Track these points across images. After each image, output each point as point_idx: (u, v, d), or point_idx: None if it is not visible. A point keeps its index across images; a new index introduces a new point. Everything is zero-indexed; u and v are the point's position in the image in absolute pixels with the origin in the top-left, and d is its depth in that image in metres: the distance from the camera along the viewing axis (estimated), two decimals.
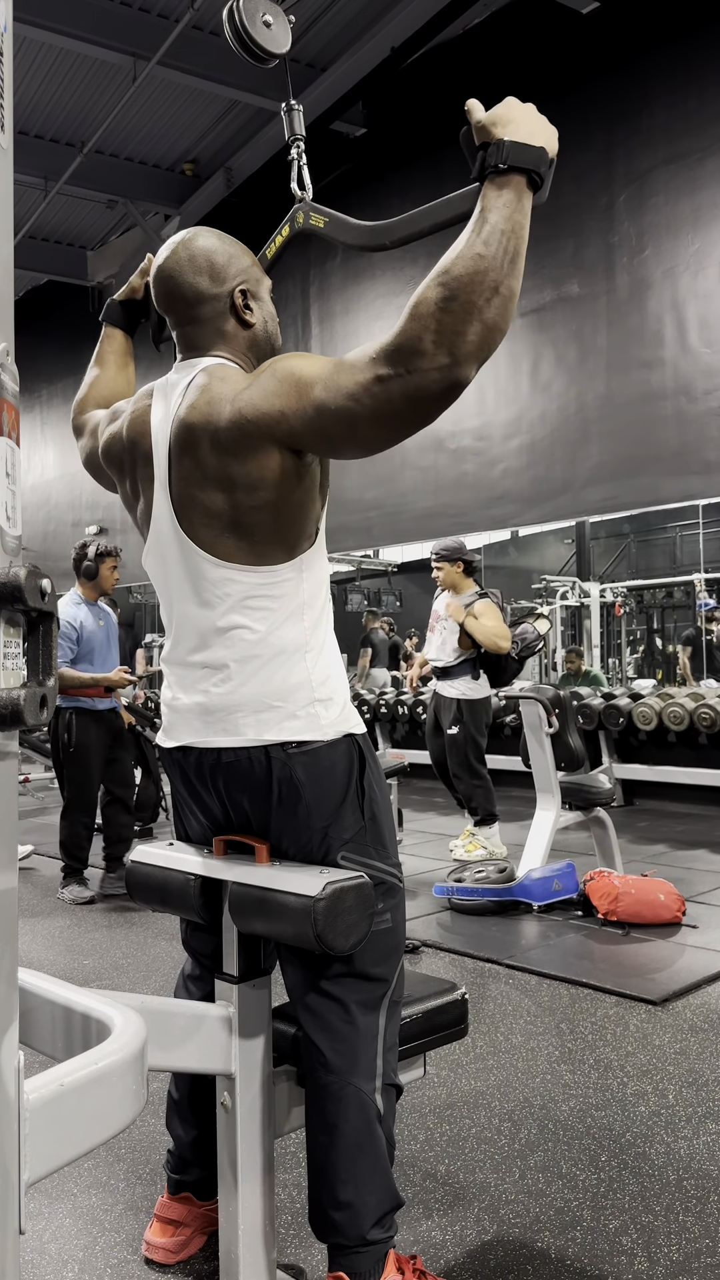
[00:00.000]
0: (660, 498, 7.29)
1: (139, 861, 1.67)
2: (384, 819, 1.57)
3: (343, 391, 1.28)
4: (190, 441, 1.45)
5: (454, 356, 1.21)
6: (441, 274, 1.21)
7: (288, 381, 1.36)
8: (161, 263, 1.53)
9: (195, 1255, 1.77)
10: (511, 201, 1.24)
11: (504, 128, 1.27)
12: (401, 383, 1.23)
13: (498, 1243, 1.79)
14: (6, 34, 0.75)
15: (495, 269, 1.21)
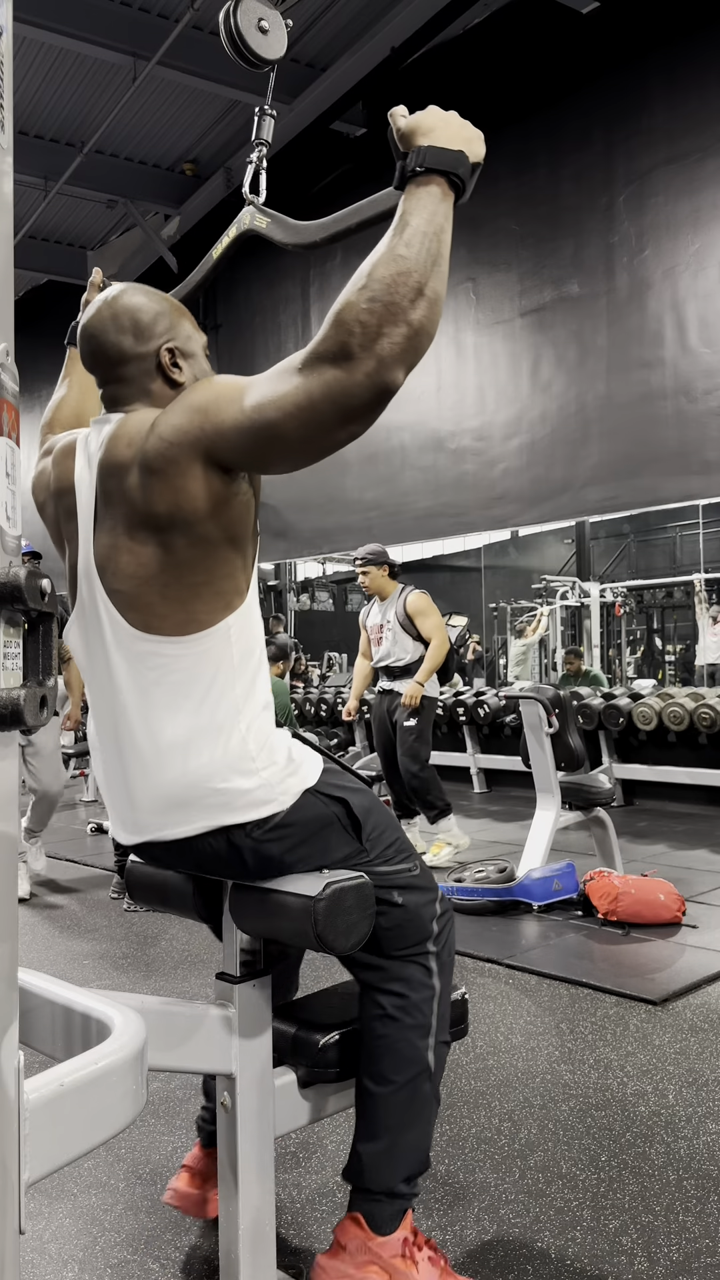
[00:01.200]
0: (660, 498, 7.29)
1: (139, 861, 1.67)
2: (376, 821, 1.54)
3: (267, 401, 1.25)
4: (113, 479, 1.40)
5: (380, 360, 1.18)
6: (364, 278, 1.20)
7: (209, 396, 1.32)
8: (86, 321, 1.50)
9: (195, 1258, 1.77)
10: (431, 204, 1.24)
11: (424, 135, 1.28)
12: (327, 390, 1.20)
13: (498, 1243, 1.79)
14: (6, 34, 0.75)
15: (418, 270, 1.20)
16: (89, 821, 6.44)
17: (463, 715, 7.30)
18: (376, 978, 1.55)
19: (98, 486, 1.45)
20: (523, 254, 7.94)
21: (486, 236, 8.20)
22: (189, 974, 3.38)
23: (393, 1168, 1.52)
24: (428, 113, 1.30)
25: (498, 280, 8.13)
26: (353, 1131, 1.59)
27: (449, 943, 1.62)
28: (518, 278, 7.98)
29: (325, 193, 9.40)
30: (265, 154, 1.75)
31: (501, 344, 8.11)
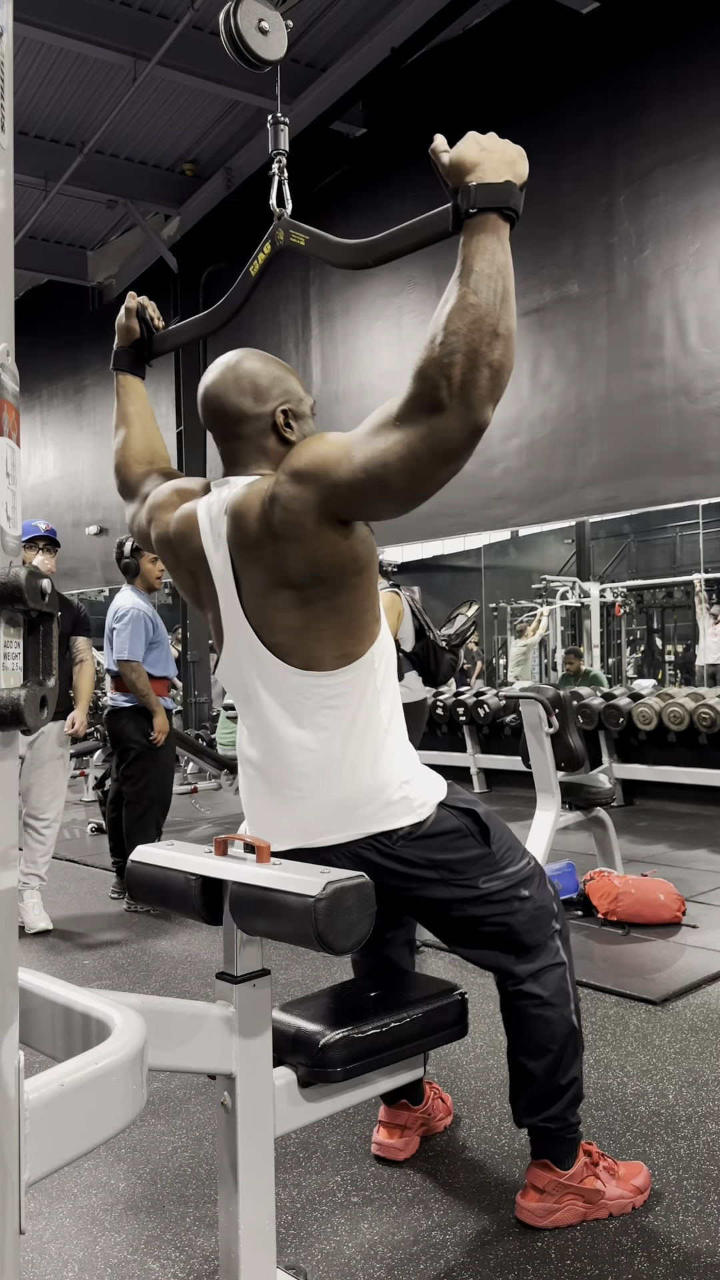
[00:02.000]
0: (660, 498, 7.29)
1: (139, 861, 1.67)
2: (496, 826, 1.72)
3: (373, 458, 1.33)
4: (248, 552, 1.52)
5: (469, 405, 1.25)
6: (440, 330, 1.25)
7: (318, 461, 1.41)
8: (209, 383, 1.62)
9: (195, 1258, 1.77)
10: (490, 244, 1.28)
11: (470, 172, 1.30)
12: (425, 440, 1.28)
13: (498, 1243, 1.79)
14: (7, 34, 0.75)
15: (490, 314, 1.25)
16: (89, 821, 6.45)
17: (463, 715, 7.30)
18: (522, 970, 1.76)
19: (233, 559, 1.56)
20: (523, 254, 7.93)
21: None
22: (189, 974, 3.38)
23: (564, 1113, 1.80)
24: (468, 145, 1.32)
25: None
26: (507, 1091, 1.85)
27: (562, 914, 1.83)
28: (518, 278, 7.95)
29: (325, 193, 9.41)
30: (285, 164, 1.75)
31: None
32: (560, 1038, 1.79)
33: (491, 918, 1.73)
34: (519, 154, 1.35)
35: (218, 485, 1.63)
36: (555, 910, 1.81)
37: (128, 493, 1.91)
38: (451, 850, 1.65)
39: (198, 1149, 2.19)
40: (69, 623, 4.22)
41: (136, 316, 1.89)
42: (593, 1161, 1.86)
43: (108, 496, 12.80)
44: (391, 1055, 1.67)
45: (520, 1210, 1.84)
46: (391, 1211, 1.91)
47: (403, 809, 1.60)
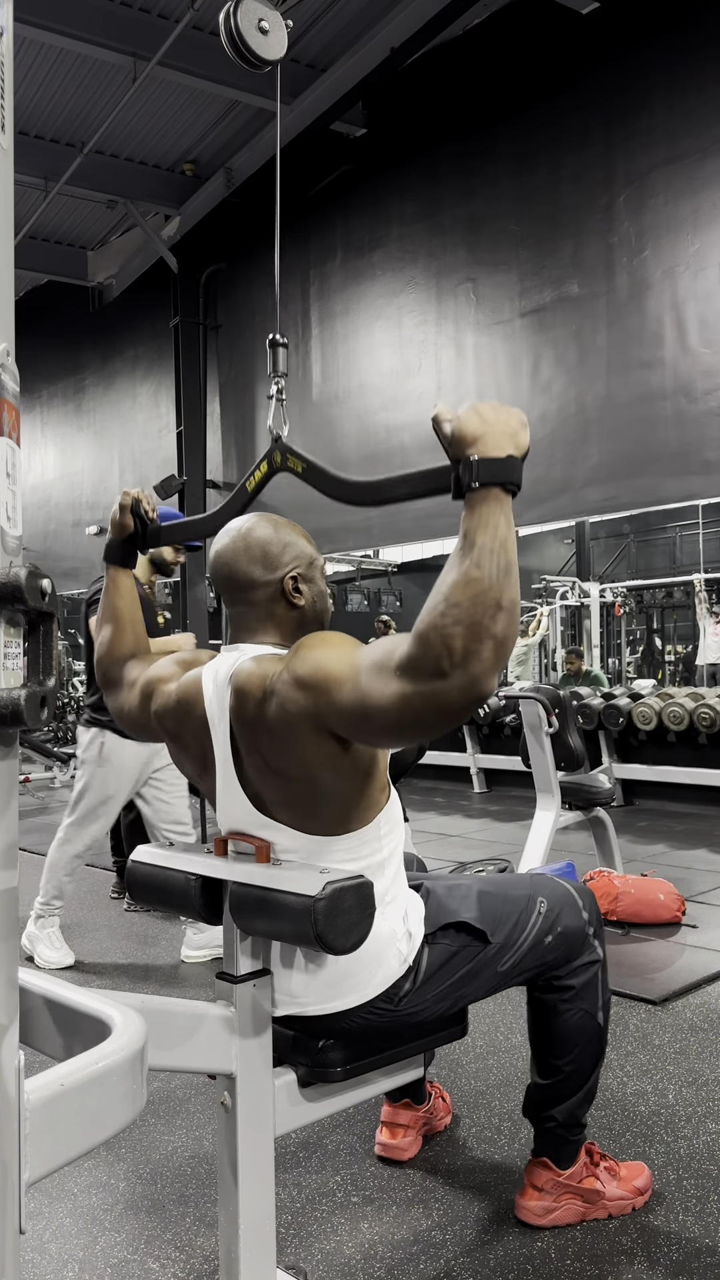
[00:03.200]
0: (660, 498, 7.29)
1: (139, 861, 1.67)
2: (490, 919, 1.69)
3: (371, 698, 1.33)
4: (249, 731, 1.52)
5: (471, 675, 1.25)
6: (443, 601, 1.25)
7: (321, 675, 1.40)
8: (220, 549, 1.63)
9: (195, 1258, 1.77)
10: (493, 518, 1.28)
11: (471, 445, 1.29)
12: (424, 700, 1.28)
13: (497, 1243, 1.79)
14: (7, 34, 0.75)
15: (493, 588, 1.25)
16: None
17: None
18: (560, 988, 1.79)
19: (234, 729, 1.55)
20: (523, 254, 7.94)
21: (486, 237, 8.20)
22: (189, 974, 3.38)
23: (573, 1113, 1.83)
24: (470, 417, 1.31)
25: (498, 280, 8.13)
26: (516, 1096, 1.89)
27: (595, 914, 1.84)
28: (518, 278, 7.98)
29: (325, 193, 9.41)
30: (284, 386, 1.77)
31: (501, 344, 8.11)
32: (583, 1036, 1.80)
33: (523, 973, 1.75)
34: (520, 423, 1.34)
35: (227, 649, 1.63)
36: (585, 921, 1.81)
37: (111, 685, 1.87)
38: (458, 970, 1.65)
39: (198, 1149, 2.19)
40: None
41: (131, 512, 1.88)
42: (593, 1162, 1.88)
43: (108, 496, 12.79)
44: (391, 1055, 1.67)
45: (519, 1209, 1.85)
46: (391, 1211, 1.91)
47: (398, 963, 1.59)
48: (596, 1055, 1.83)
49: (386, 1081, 1.74)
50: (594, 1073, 1.84)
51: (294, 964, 1.57)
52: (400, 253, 8.89)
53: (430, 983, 1.62)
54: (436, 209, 8.57)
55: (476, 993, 1.69)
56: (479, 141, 8.20)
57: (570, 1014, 1.80)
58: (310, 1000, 1.57)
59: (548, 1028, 1.83)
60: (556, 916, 1.76)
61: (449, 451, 1.33)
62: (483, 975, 1.68)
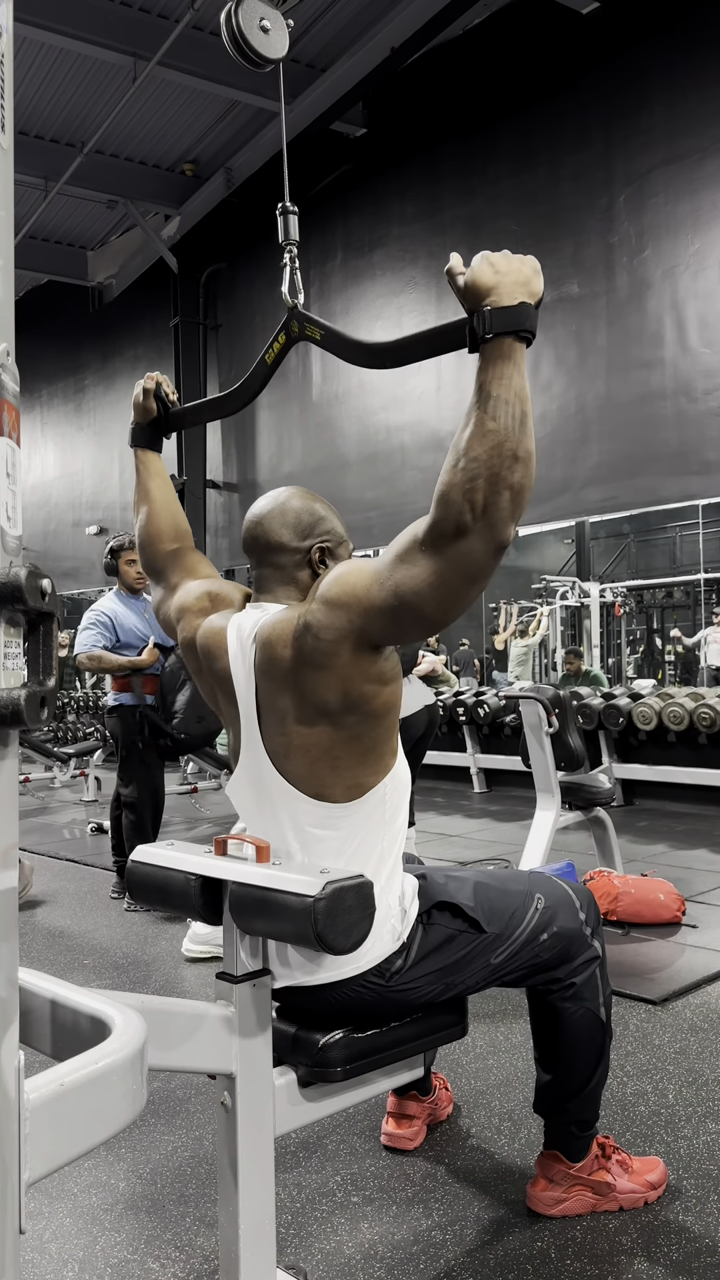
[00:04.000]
0: (660, 498, 7.29)
1: (139, 861, 1.67)
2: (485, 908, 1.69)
3: (403, 585, 1.36)
4: (276, 679, 1.53)
5: (493, 526, 1.29)
6: (461, 456, 1.28)
7: (349, 590, 1.43)
8: (257, 512, 1.67)
9: (195, 1258, 1.77)
10: (507, 369, 1.29)
11: (485, 295, 1.31)
12: (452, 563, 1.31)
13: (497, 1243, 1.79)
14: (6, 34, 0.75)
15: (510, 438, 1.27)
16: (89, 821, 6.45)
17: (462, 715, 7.30)
18: (560, 988, 1.79)
19: (259, 686, 1.58)
20: (523, 254, 7.95)
21: (487, 237, 8.20)
22: (189, 974, 3.38)
23: (580, 1110, 1.83)
24: (482, 268, 1.33)
25: None
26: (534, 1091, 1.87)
27: (593, 913, 1.84)
28: None
29: (325, 193, 9.41)
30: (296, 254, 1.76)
31: None
32: (586, 1032, 1.81)
33: (515, 971, 1.75)
34: (534, 270, 1.36)
35: (252, 606, 1.65)
36: (582, 922, 1.81)
37: (154, 573, 1.92)
38: (449, 956, 1.65)
39: (198, 1149, 2.19)
40: None
41: (154, 396, 1.91)
42: (605, 1155, 1.89)
43: (107, 496, 12.80)
44: (391, 1055, 1.67)
45: (530, 1198, 1.87)
46: (391, 1211, 1.91)
47: (391, 939, 1.61)
48: (601, 1050, 1.83)
49: (386, 1081, 1.74)
50: (599, 1066, 1.84)
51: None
52: (400, 253, 8.90)
53: (422, 963, 1.62)
54: (436, 209, 8.57)
55: (468, 982, 1.69)
56: (479, 141, 8.21)
57: (572, 1011, 1.80)
58: (303, 970, 1.58)
59: (551, 1026, 1.83)
60: (553, 915, 1.76)
61: (463, 304, 1.34)
62: (475, 964, 1.68)
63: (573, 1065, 1.82)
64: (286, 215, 1.76)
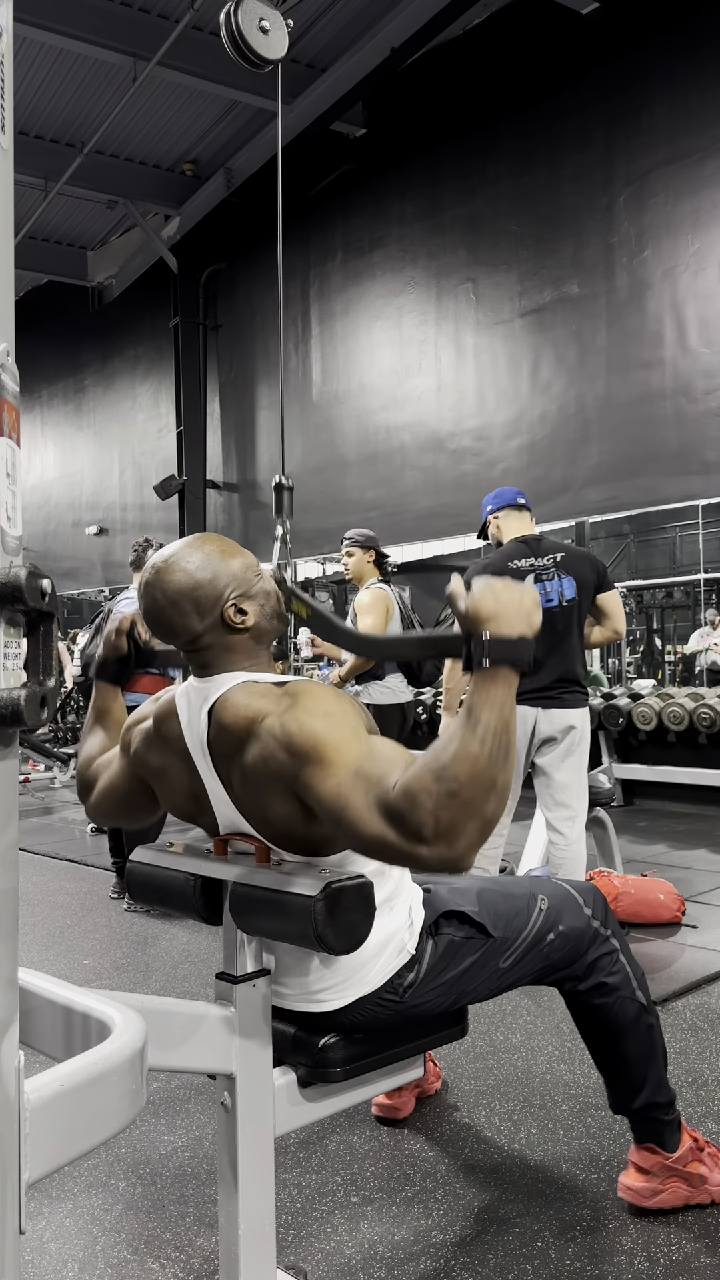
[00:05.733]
0: (660, 498, 7.29)
1: (139, 861, 1.67)
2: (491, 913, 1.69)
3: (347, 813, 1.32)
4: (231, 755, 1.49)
5: (453, 849, 1.26)
6: (441, 770, 1.25)
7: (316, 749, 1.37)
8: (145, 607, 1.56)
9: (195, 1258, 1.77)
10: (499, 697, 1.29)
11: (485, 622, 1.30)
12: (399, 850, 1.28)
13: (498, 1243, 1.79)
14: (6, 34, 0.75)
15: (491, 768, 1.26)
16: (89, 821, 6.45)
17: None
18: (580, 984, 1.80)
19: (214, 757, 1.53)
20: (523, 254, 7.94)
21: (486, 237, 8.20)
22: (189, 974, 3.38)
23: (653, 1096, 1.83)
24: (485, 596, 1.32)
25: (498, 280, 8.13)
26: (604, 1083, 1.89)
27: (600, 905, 1.84)
28: (518, 278, 7.98)
29: (325, 193, 9.41)
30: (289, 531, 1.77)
31: (501, 344, 8.11)
32: (629, 1021, 1.81)
33: (525, 974, 1.75)
34: (534, 604, 1.35)
35: (198, 685, 1.57)
36: (589, 918, 1.81)
37: (85, 788, 1.86)
38: (459, 964, 1.65)
39: (198, 1149, 2.19)
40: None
41: (127, 636, 1.90)
42: (698, 1147, 1.89)
43: (108, 496, 12.80)
44: (391, 1055, 1.67)
45: (624, 1190, 1.87)
46: (391, 1211, 1.91)
47: (400, 953, 1.60)
48: (650, 1032, 1.84)
49: (386, 1081, 1.74)
50: (654, 1049, 1.84)
51: (298, 959, 1.58)
52: (400, 253, 8.89)
53: (433, 974, 1.62)
54: (436, 209, 8.57)
55: (480, 990, 1.69)
56: (479, 141, 8.20)
57: (609, 1006, 1.81)
58: (317, 995, 1.58)
59: (595, 1027, 1.84)
60: (557, 915, 1.76)
61: (462, 626, 1.33)
62: (485, 970, 1.68)
63: (627, 1058, 1.83)
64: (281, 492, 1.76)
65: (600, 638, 3.52)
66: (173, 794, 1.64)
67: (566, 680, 3.33)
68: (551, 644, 3.27)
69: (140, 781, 1.71)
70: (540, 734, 3.31)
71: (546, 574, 3.35)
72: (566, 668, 3.33)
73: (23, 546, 0.76)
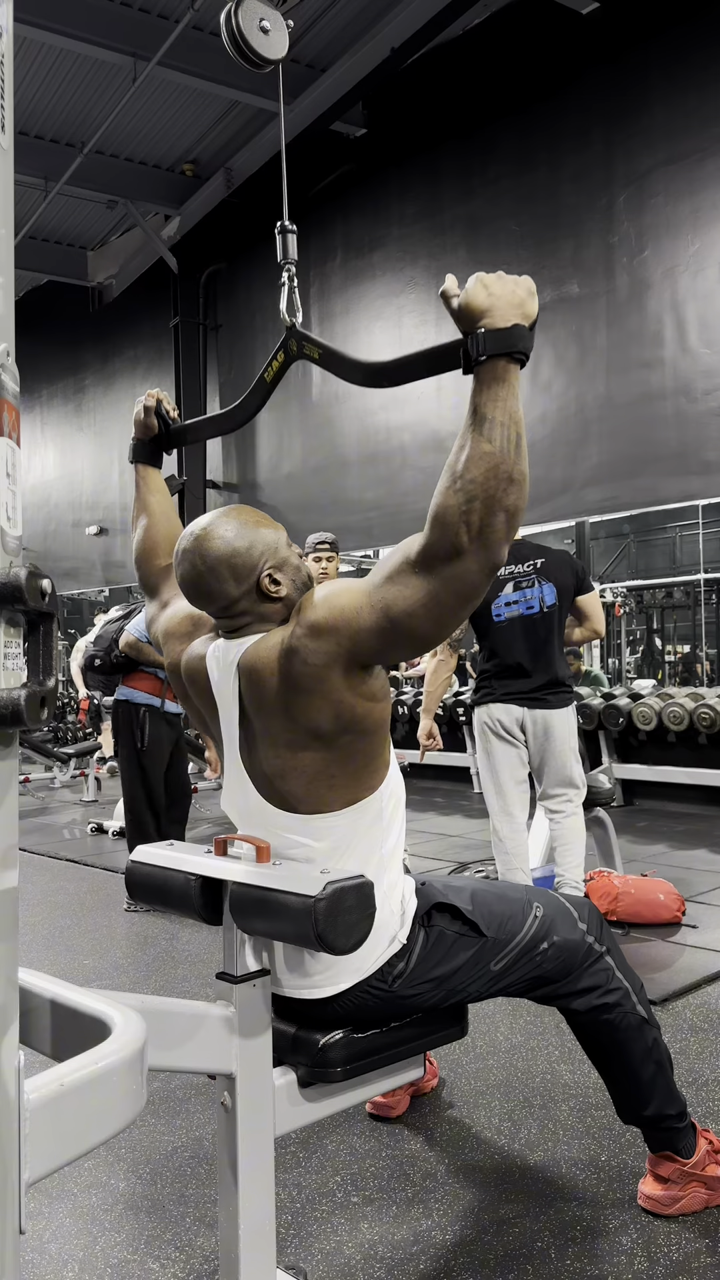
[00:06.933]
0: (660, 498, 7.29)
1: (139, 861, 1.67)
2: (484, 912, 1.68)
3: (396, 606, 1.35)
4: (265, 706, 1.51)
5: (488, 547, 1.29)
6: (456, 478, 1.27)
7: (337, 612, 1.41)
8: (184, 574, 1.57)
9: (195, 1258, 1.77)
10: (502, 391, 1.29)
11: (480, 316, 1.31)
12: (446, 583, 1.31)
13: (498, 1243, 1.79)
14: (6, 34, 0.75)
15: (505, 460, 1.27)
16: (89, 821, 6.45)
17: (462, 715, 7.30)
18: (576, 1001, 1.78)
19: (245, 711, 1.56)
20: (523, 254, 7.94)
21: (486, 237, 8.20)
22: (189, 974, 3.38)
23: (662, 1106, 1.82)
24: (476, 290, 1.33)
25: None
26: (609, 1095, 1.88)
27: (594, 920, 1.83)
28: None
29: (325, 193, 9.41)
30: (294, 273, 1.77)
31: None
32: (629, 1037, 1.80)
33: (516, 982, 1.74)
34: (528, 291, 1.35)
35: (227, 645, 1.60)
36: (584, 932, 1.80)
37: (149, 588, 1.91)
38: (450, 961, 1.65)
39: (198, 1149, 2.19)
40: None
41: (155, 413, 1.91)
42: (714, 1149, 1.89)
43: (108, 496, 12.80)
44: (392, 1055, 1.67)
45: (644, 1199, 1.86)
46: (391, 1211, 1.91)
47: (391, 942, 1.60)
48: (652, 1045, 1.83)
49: (386, 1082, 1.74)
50: (660, 1059, 1.83)
51: (293, 948, 1.58)
52: (400, 253, 8.89)
53: (423, 966, 1.62)
54: (436, 209, 8.57)
55: (470, 989, 1.69)
56: (479, 141, 8.20)
57: (611, 1023, 1.79)
58: (308, 982, 1.58)
59: (597, 1043, 1.83)
60: (551, 925, 1.75)
61: (458, 326, 1.35)
62: (477, 971, 1.67)
63: (633, 1071, 1.81)
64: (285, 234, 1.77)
65: (580, 637, 3.70)
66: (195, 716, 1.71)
67: (553, 684, 3.50)
68: (535, 649, 3.45)
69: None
70: (530, 732, 3.48)
71: (526, 580, 3.47)
72: (552, 672, 3.50)
73: (23, 546, 0.76)
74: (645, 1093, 1.81)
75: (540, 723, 3.47)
